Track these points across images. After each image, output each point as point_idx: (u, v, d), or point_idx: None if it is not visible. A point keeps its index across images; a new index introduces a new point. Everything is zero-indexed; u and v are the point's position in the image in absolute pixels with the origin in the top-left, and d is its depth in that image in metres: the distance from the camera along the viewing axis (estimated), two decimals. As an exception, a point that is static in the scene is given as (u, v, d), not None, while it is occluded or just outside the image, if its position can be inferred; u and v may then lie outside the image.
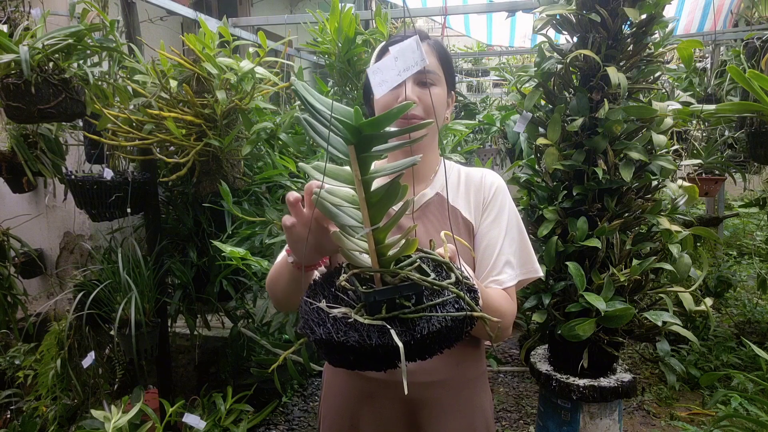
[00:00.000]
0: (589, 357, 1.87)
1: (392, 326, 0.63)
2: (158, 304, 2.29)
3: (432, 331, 0.63)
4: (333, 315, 0.66)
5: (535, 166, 2.17)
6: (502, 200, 1.09)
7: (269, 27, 4.33)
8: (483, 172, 1.12)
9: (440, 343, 0.66)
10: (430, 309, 0.65)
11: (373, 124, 0.58)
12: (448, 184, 1.11)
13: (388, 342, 0.61)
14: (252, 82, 2.05)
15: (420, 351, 0.64)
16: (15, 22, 2.27)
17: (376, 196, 0.64)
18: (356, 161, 0.61)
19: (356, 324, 0.64)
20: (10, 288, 2.51)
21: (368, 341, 0.62)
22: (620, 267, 1.86)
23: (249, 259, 1.78)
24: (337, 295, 0.72)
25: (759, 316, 3.87)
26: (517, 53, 5.50)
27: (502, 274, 1.03)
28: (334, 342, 0.63)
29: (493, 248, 1.04)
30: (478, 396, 1.09)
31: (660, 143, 1.81)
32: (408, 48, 0.65)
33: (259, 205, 2.28)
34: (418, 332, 0.63)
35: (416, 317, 0.64)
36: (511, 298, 1.03)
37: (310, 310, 0.69)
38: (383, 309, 0.65)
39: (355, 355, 0.63)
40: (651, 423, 2.86)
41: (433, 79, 1.03)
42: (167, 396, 2.33)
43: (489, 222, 1.07)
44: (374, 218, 0.65)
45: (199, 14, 2.57)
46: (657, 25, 1.85)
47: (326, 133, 0.60)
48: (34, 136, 2.42)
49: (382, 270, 0.67)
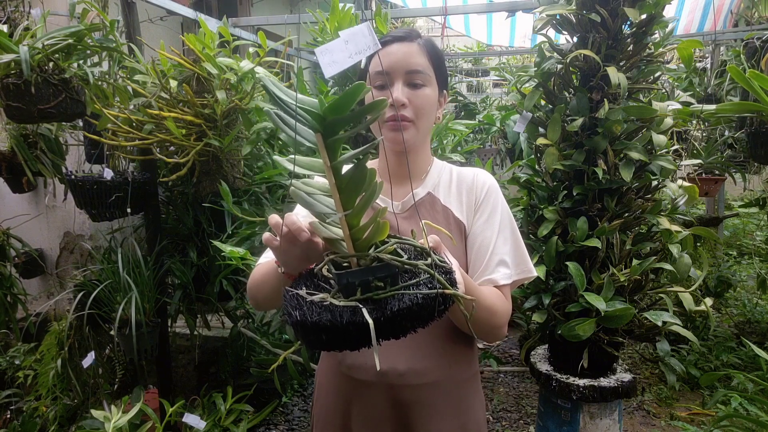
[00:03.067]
0: (589, 357, 1.87)
1: (365, 306, 0.65)
2: (158, 304, 2.29)
3: (402, 309, 0.64)
4: (310, 300, 0.69)
5: (535, 166, 2.17)
6: (494, 200, 1.08)
7: (269, 27, 4.32)
8: (475, 172, 1.12)
9: (412, 321, 0.67)
10: (403, 290, 0.67)
11: (335, 108, 0.60)
12: (440, 183, 1.11)
13: (359, 320, 0.63)
14: (252, 82, 2.05)
15: (391, 328, 0.65)
16: (15, 22, 2.27)
17: (345, 180, 0.66)
18: (324, 148, 0.63)
19: (331, 306, 0.66)
20: (10, 288, 2.51)
21: (340, 320, 0.64)
22: (620, 267, 1.86)
23: (249, 259, 1.78)
24: (318, 284, 0.75)
25: (759, 316, 3.87)
26: (517, 53, 5.50)
27: (495, 273, 1.03)
28: (308, 323, 0.65)
29: (486, 248, 1.04)
30: (470, 397, 1.09)
31: (660, 143, 1.81)
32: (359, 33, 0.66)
33: (259, 205, 2.28)
34: (388, 309, 0.64)
35: (389, 296, 0.66)
36: (505, 297, 1.03)
37: (290, 297, 0.71)
38: (358, 291, 0.67)
39: (328, 333, 0.65)
40: (651, 423, 2.86)
41: (424, 80, 1.03)
42: (167, 396, 2.33)
43: (482, 222, 1.06)
44: (346, 203, 0.67)
45: (199, 14, 2.57)
46: (657, 25, 1.85)
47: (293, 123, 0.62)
48: (34, 136, 2.42)
49: (354, 254, 0.69)
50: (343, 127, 0.63)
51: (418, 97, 1.02)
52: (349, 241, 0.69)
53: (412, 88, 1.01)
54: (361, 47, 0.66)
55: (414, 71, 1.01)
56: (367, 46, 0.66)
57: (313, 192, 0.69)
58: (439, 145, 2.43)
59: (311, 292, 0.70)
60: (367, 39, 0.66)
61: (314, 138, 0.63)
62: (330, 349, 0.68)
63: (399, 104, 1.00)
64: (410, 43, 1.03)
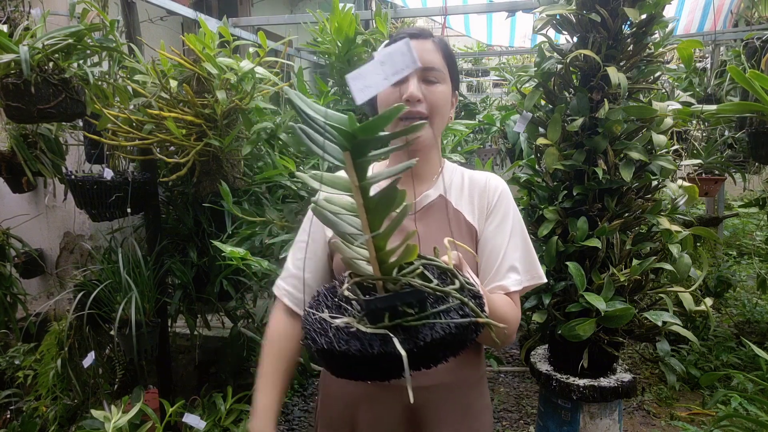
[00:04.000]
0: (589, 357, 1.87)
1: (395, 334, 0.61)
2: (158, 304, 2.29)
3: (435, 339, 0.61)
4: (335, 325, 0.65)
5: (535, 166, 2.17)
6: (506, 205, 1.07)
7: (269, 27, 4.32)
8: (487, 176, 1.11)
9: (445, 351, 0.64)
10: (433, 316, 0.64)
11: (367, 128, 0.57)
12: (452, 186, 1.09)
13: (390, 350, 0.60)
14: (252, 82, 2.05)
15: (424, 359, 0.62)
16: (15, 22, 2.27)
17: (374, 202, 0.63)
18: (353, 167, 0.60)
19: (358, 333, 0.63)
20: (10, 288, 2.51)
21: (370, 350, 0.60)
22: (620, 267, 1.86)
23: (249, 259, 1.78)
24: (340, 305, 0.71)
25: (759, 316, 3.87)
26: (517, 53, 5.50)
27: (505, 280, 1.02)
28: (336, 352, 0.62)
29: (497, 254, 1.03)
30: (478, 399, 1.08)
31: (660, 143, 1.81)
32: (397, 52, 0.61)
33: (259, 205, 2.28)
34: (421, 340, 0.61)
35: (419, 324, 0.62)
36: (514, 304, 1.02)
37: (313, 321, 0.67)
38: (386, 317, 0.64)
39: (358, 364, 0.62)
40: (651, 423, 2.86)
41: (438, 77, 1.01)
42: (167, 396, 2.32)
43: (493, 227, 1.05)
44: (373, 224, 0.64)
45: (199, 14, 2.57)
46: (657, 25, 1.85)
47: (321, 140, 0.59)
48: (34, 136, 2.41)
49: (382, 277, 0.66)
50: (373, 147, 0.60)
51: (433, 93, 1.00)
52: (375, 263, 0.65)
53: (427, 84, 1.00)
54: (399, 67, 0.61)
55: (429, 68, 1.00)
56: (405, 65, 0.61)
57: (338, 211, 0.66)
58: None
59: (334, 315, 0.67)
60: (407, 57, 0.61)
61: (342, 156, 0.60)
62: (356, 379, 0.64)
63: (414, 99, 0.98)
64: (424, 41, 1.02)
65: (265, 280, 2.02)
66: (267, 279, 2.01)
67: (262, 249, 2.01)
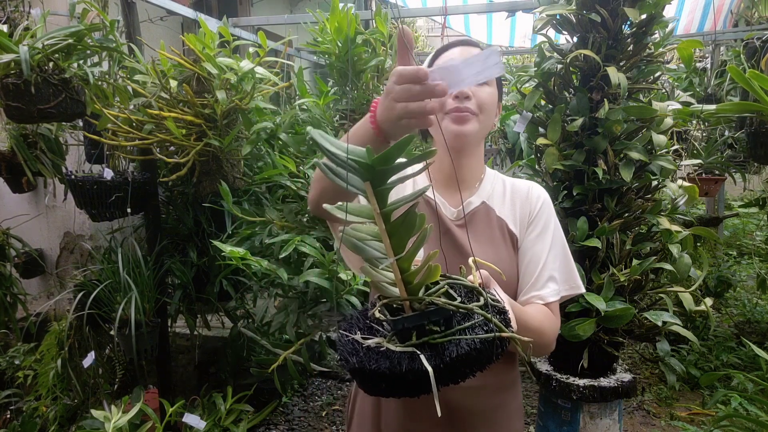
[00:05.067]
0: (589, 357, 1.87)
1: (422, 352, 0.64)
2: (158, 304, 2.29)
3: (461, 354, 0.64)
4: (366, 345, 0.69)
5: (535, 166, 2.17)
6: (548, 215, 1.07)
7: (269, 27, 4.32)
8: (529, 185, 1.11)
9: (471, 366, 0.66)
10: (458, 332, 0.66)
11: (383, 159, 0.61)
12: (494, 193, 1.09)
13: (417, 367, 0.63)
14: (252, 82, 2.05)
15: (450, 374, 0.65)
16: (15, 22, 2.27)
17: (395, 227, 0.66)
18: (373, 196, 0.64)
19: (388, 352, 0.66)
20: (10, 288, 2.51)
21: (398, 367, 0.63)
22: (620, 267, 1.86)
23: (249, 259, 1.78)
24: (371, 326, 0.75)
25: (759, 316, 3.87)
26: (517, 53, 5.50)
27: (544, 289, 1.02)
28: (367, 370, 0.65)
29: (537, 263, 1.03)
30: (512, 401, 1.09)
31: (660, 143, 1.81)
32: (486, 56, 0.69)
33: (259, 205, 2.28)
34: (447, 356, 0.64)
35: (445, 341, 0.65)
36: (554, 314, 1.02)
37: (346, 342, 0.71)
38: (413, 336, 0.67)
39: (387, 381, 0.65)
40: (651, 423, 2.86)
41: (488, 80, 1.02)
42: (167, 396, 2.32)
43: (534, 236, 1.05)
44: (396, 248, 0.67)
45: (199, 14, 2.57)
46: (657, 25, 1.85)
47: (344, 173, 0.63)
48: (34, 136, 2.41)
49: (407, 297, 0.69)
50: (391, 176, 0.64)
51: (482, 92, 1.00)
52: (401, 284, 0.68)
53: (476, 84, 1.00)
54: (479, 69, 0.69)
55: None
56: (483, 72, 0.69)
57: (364, 238, 0.69)
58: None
59: (366, 337, 0.71)
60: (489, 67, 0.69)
61: (363, 186, 0.64)
62: (388, 396, 0.68)
63: (464, 96, 0.97)
64: (473, 48, 1.04)
65: (265, 280, 2.02)
66: (267, 279, 2.01)
67: (262, 249, 2.01)
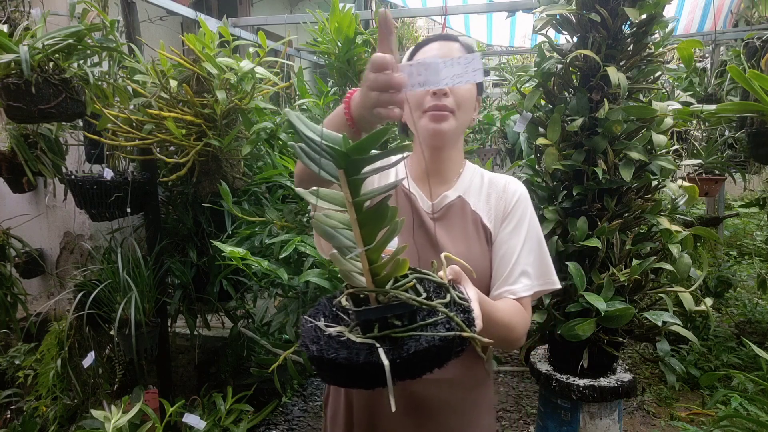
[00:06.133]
0: (589, 357, 1.87)
1: (382, 344, 0.64)
2: (158, 304, 2.29)
3: (419, 350, 0.63)
4: (328, 333, 0.68)
5: (535, 166, 2.17)
6: (523, 209, 1.07)
7: (269, 27, 4.33)
8: (507, 180, 1.11)
9: (429, 363, 0.66)
10: (420, 329, 0.66)
11: (359, 148, 0.60)
12: (471, 187, 1.09)
13: (375, 360, 0.62)
14: (252, 82, 2.05)
15: (407, 370, 0.65)
16: (15, 22, 2.27)
17: (366, 217, 0.65)
18: (347, 184, 0.63)
19: (348, 342, 0.66)
20: (10, 288, 2.51)
21: (356, 359, 0.63)
22: (620, 267, 1.86)
23: (249, 259, 1.78)
24: (337, 314, 0.74)
25: (759, 316, 3.86)
26: (517, 53, 5.50)
27: (516, 284, 1.01)
28: (325, 359, 0.65)
29: (510, 258, 1.03)
30: (483, 397, 1.09)
31: (660, 143, 1.81)
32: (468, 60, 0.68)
33: (258, 205, 2.28)
34: (405, 351, 0.64)
35: (405, 336, 0.65)
36: (525, 309, 1.02)
37: (308, 328, 0.71)
38: (375, 328, 0.67)
39: (344, 371, 0.65)
40: (651, 423, 2.86)
41: None
42: (167, 396, 2.32)
43: (509, 231, 1.05)
44: (367, 239, 0.66)
45: (199, 14, 2.57)
46: (657, 25, 1.85)
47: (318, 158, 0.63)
48: (34, 136, 2.41)
49: (373, 290, 0.69)
50: (366, 165, 0.63)
51: (460, 88, 0.99)
52: (368, 275, 0.68)
53: None
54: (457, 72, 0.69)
55: None
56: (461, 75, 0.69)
57: (336, 226, 0.69)
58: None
59: (329, 324, 0.70)
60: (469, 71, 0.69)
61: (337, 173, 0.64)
62: (346, 386, 0.68)
63: (441, 93, 0.97)
64: (452, 42, 1.04)
65: (265, 280, 2.02)
66: (267, 279, 2.01)
67: (262, 249, 2.01)
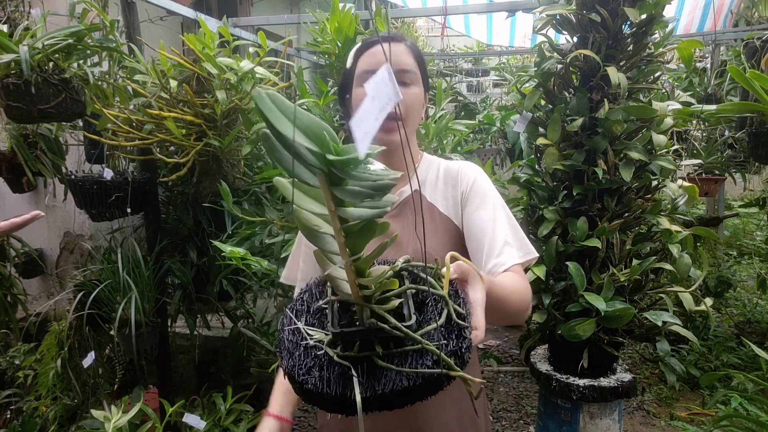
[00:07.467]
0: (589, 357, 1.87)
1: (359, 371, 0.58)
2: (158, 304, 2.29)
3: (396, 389, 0.58)
4: (306, 342, 0.63)
5: (535, 166, 2.17)
6: (482, 188, 1.06)
7: (269, 27, 4.32)
8: (459, 165, 1.11)
9: (408, 399, 0.60)
10: (405, 355, 0.60)
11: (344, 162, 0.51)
12: (427, 180, 1.11)
13: (348, 393, 0.57)
14: (252, 82, 2.05)
15: (382, 405, 0.60)
16: (15, 22, 2.27)
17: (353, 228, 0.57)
18: (327, 190, 0.53)
19: (323, 361, 0.60)
20: (10, 288, 2.51)
21: (327, 389, 0.58)
22: (620, 267, 1.86)
23: (249, 259, 1.78)
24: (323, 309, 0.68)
25: (759, 316, 3.86)
26: (517, 53, 5.50)
27: (503, 255, 0.98)
28: (296, 378, 0.60)
29: (485, 232, 1.01)
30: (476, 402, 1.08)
31: (660, 143, 1.81)
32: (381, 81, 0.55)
33: (259, 205, 2.28)
34: (382, 387, 0.58)
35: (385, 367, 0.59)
36: (520, 277, 0.98)
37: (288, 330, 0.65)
38: (356, 346, 0.61)
39: (313, 395, 0.60)
40: (651, 423, 2.86)
41: (412, 79, 1.04)
42: (167, 396, 2.32)
43: (473, 211, 1.05)
44: (354, 248, 0.59)
45: (199, 14, 2.56)
46: (657, 25, 1.85)
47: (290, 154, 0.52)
48: (34, 136, 2.41)
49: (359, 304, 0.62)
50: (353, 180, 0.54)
51: (407, 96, 1.03)
52: (354, 287, 0.61)
53: (401, 86, 1.00)
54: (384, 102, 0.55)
55: (403, 70, 1.02)
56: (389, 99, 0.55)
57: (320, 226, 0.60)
58: (439, 145, 2.43)
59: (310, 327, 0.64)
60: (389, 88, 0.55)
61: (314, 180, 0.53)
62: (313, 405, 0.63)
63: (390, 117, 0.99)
64: (397, 44, 1.05)
65: (265, 280, 2.03)
66: (267, 279, 2.01)
67: (262, 249, 2.01)
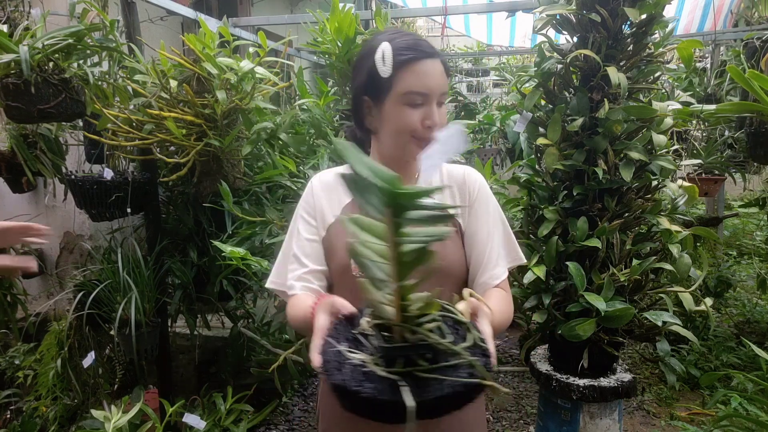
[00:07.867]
0: (589, 357, 1.87)
1: (406, 383, 0.64)
2: (158, 304, 2.29)
3: (443, 396, 0.64)
4: (351, 361, 0.68)
5: (535, 166, 2.17)
6: (486, 197, 1.13)
7: (269, 27, 4.32)
8: (464, 170, 1.15)
9: (449, 406, 0.67)
10: (443, 370, 0.67)
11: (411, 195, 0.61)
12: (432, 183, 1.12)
13: (400, 400, 0.62)
14: (252, 82, 2.05)
15: (429, 413, 0.65)
16: (15, 22, 2.27)
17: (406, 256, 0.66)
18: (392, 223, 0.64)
19: (371, 375, 0.66)
20: (10, 288, 2.51)
21: (380, 396, 0.63)
22: (620, 267, 1.86)
23: (249, 259, 1.78)
24: (357, 338, 0.74)
25: (759, 316, 3.86)
26: (517, 53, 5.50)
27: (497, 268, 1.08)
28: (349, 390, 0.65)
29: (485, 245, 1.08)
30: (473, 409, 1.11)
31: (660, 143, 1.82)
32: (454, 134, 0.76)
33: (259, 205, 2.28)
34: (429, 394, 0.64)
35: (429, 378, 0.65)
36: (506, 291, 1.09)
37: (331, 352, 0.71)
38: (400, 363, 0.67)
39: (366, 404, 0.64)
40: (651, 423, 2.86)
41: (445, 98, 1.07)
42: (167, 396, 2.32)
43: (478, 220, 1.10)
44: (402, 275, 0.68)
45: (199, 14, 2.56)
46: (657, 25, 1.85)
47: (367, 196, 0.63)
48: (34, 136, 2.41)
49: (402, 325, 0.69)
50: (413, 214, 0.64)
51: (443, 117, 1.05)
52: (398, 309, 0.69)
53: (438, 107, 1.04)
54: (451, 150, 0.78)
55: (444, 93, 1.05)
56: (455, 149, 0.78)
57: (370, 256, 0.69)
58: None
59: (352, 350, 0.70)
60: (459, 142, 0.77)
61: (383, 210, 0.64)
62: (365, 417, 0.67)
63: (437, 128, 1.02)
64: (437, 61, 1.04)
65: (265, 280, 2.03)
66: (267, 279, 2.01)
67: (262, 249, 2.01)
